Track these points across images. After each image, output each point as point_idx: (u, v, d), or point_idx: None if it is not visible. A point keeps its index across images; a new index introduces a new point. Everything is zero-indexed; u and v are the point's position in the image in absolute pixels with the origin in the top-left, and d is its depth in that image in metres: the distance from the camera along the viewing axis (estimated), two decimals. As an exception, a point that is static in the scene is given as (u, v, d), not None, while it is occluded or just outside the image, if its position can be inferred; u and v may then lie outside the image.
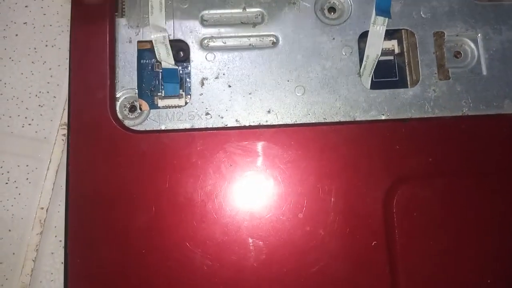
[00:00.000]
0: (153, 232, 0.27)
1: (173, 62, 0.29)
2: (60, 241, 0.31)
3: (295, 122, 0.28)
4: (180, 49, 0.30)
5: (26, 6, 0.34)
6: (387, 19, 0.30)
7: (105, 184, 0.27)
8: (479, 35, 0.30)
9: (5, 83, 0.33)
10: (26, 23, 0.34)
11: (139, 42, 0.29)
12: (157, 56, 0.29)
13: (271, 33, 0.29)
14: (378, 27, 0.30)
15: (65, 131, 0.33)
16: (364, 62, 0.30)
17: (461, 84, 0.29)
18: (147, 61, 0.30)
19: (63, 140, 0.33)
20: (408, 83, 0.30)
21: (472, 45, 0.30)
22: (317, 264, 0.27)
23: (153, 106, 0.29)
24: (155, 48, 0.29)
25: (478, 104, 0.29)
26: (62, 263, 0.31)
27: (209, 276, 0.26)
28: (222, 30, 0.29)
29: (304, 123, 0.28)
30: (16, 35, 0.34)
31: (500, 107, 0.29)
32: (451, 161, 0.28)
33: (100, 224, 0.27)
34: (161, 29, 0.29)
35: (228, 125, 0.28)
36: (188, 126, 0.28)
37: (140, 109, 0.29)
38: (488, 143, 0.28)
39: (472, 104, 0.29)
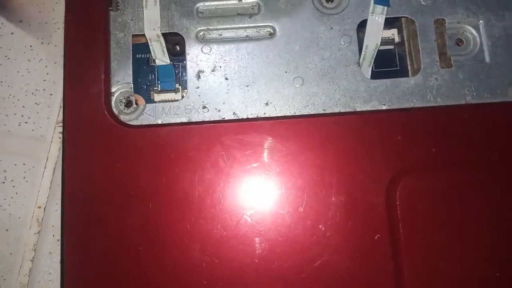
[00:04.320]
0: (150, 228, 0.26)
1: (168, 61, 0.29)
2: (58, 240, 0.31)
3: (294, 114, 0.28)
4: (176, 43, 0.29)
5: (21, 4, 0.34)
6: (386, 7, 0.29)
7: (102, 180, 0.27)
8: (481, 21, 0.29)
9: (1, 82, 0.33)
10: (21, 21, 0.34)
11: (134, 36, 0.29)
12: (152, 55, 0.29)
13: (268, 24, 0.29)
14: (377, 16, 0.29)
15: (62, 129, 0.32)
16: (363, 52, 0.29)
17: (464, 72, 0.28)
18: (143, 56, 0.29)
19: (60, 138, 0.32)
20: (410, 72, 0.29)
21: (474, 32, 0.29)
22: (319, 259, 0.26)
23: (149, 100, 0.29)
24: (150, 47, 0.29)
25: (481, 92, 0.28)
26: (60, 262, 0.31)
27: (208, 273, 0.26)
28: (218, 22, 0.29)
29: (303, 115, 0.28)
30: (12, 33, 0.33)
31: (504, 95, 0.28)
32: (455, 151, 0.27)
33: (97, 221, 0.26)
34: (156, 23, 0.29)
35: (226, 118, 0.28)
36: (185, 120, 0.28)
37: (136, 104, 0.28)
38: (493, 132, 0.27)
39: (475, 92, 0.28)
